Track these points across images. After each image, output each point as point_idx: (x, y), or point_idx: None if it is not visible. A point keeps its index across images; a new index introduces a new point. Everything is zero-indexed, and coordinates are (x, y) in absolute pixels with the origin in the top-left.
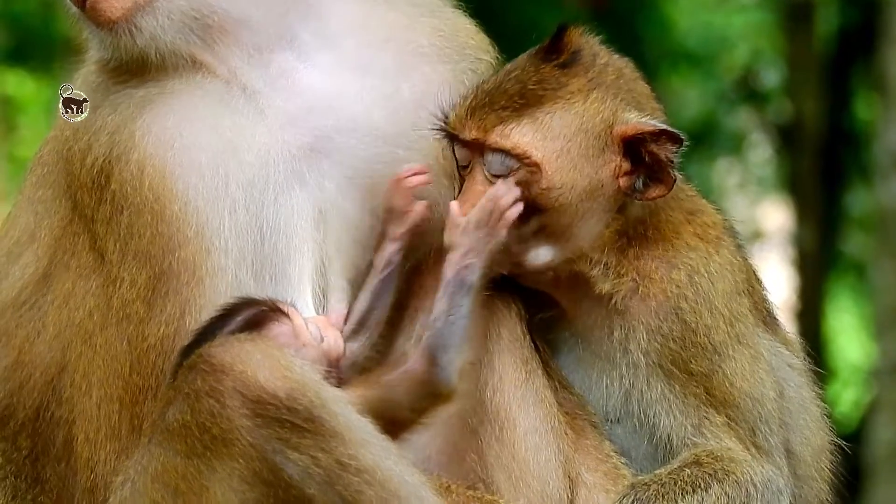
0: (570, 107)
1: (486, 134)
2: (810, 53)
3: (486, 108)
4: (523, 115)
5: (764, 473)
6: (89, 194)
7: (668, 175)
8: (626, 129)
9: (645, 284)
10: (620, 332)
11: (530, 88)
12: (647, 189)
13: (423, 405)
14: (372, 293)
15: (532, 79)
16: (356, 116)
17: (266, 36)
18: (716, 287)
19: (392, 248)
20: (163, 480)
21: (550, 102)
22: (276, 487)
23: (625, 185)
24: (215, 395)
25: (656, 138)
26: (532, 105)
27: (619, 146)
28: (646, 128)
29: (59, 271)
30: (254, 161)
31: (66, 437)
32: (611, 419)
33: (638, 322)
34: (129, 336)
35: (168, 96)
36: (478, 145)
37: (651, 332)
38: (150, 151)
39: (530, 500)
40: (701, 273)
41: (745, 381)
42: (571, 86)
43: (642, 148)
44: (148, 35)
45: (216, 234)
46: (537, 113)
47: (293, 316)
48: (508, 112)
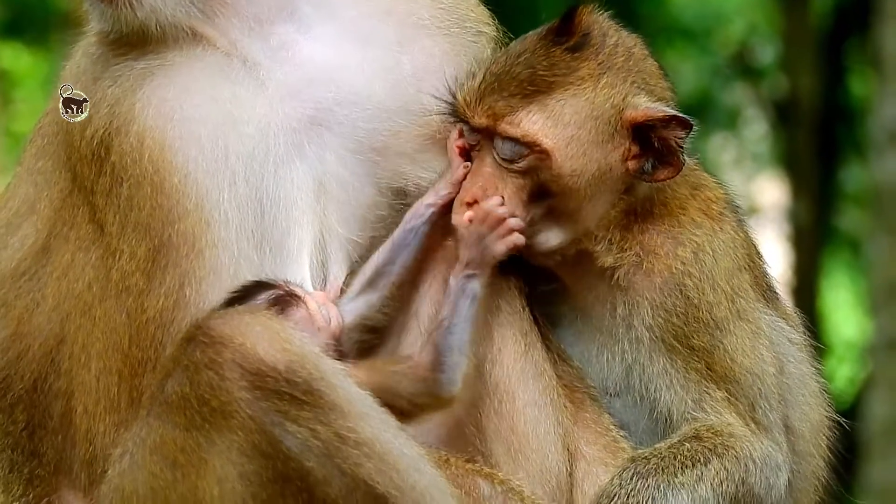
0: (580, 93)
1: (496, 121)
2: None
3: (496, 94)
4: (533, 102)
5: (763, 449)
6: (89, 166)
7: (678, 158)
8: (636, 115)
9: (649, 260)
10: (624, 308)
11: (540, 74)
12: (656, 171)
13: (423, 402)
14: (392, 247)
15: (542, 63)
16: (357, 89)
17: (266, 8)
18: (719, 264)
19: (421, 204)
20: (161, 453)
21: (561, 89)
22: (274, 460)
23: (633, 169)
24: (214, 368)
25: (666, 124)
26: (542, 92)
27: (628, 131)
28: (656, 114)
29: (58, 243)
30: (254, 133)
31: (65, 410)
32: (610, 393)
33: (642, 297)
34: (129, 308)
35: (168, 68)
36: (488, 131)
37: (655, 308)
38: (150, 123)
39: (529, 473)
40: (706, 251)
41: (745, 357)
42: (581, 71)
43: (652, 133)
44: (148, 7)
45: (216, 206)
46: (547, 100)
47: (307, 300)
48: (518, 99)
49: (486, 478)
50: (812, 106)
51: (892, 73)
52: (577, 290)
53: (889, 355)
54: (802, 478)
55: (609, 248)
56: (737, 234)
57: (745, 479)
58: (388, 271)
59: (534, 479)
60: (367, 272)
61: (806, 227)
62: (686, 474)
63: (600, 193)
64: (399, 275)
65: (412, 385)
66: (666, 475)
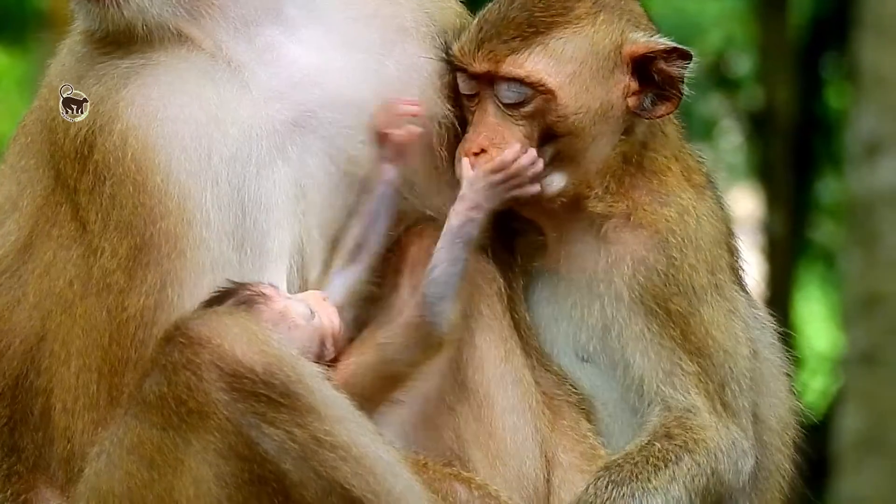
0: (579, 31)
1: (498, 65)
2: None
3: (495, 40)
4: (534, 42)
5: (729, 435)
6: (72, 164)
7: (678, 91)
8: (637, 49)
9: (637, 214)
10: (606, 262)
11: (537, 16)
12: (655, 107)
13: (417, 356)
14: (367, 216)
15: (538, 5)
16: (341, 92)
17: (252, 10)
18: (703, 228)
19: (385, 171)
20: (138, 452)
21: (560, 28)
22: (251, 462)
23: (633, 105)
24: (192, 368)
25: (667, 55)
26: (542, 32)
27: (628, 66)
28: (657, 46)
29: (40, 240)
30: (237, 135)
31: (44, 407)
32: (582, 358)
33: (625, 251)
34: (109, 306)
35: (153, 68)
36: (488, 77)
37: (636, 262)
38: (134, 122)
39: (506, 479)
40: (690, 213)
41: (719, 332)
42: (578, 10)
43: (652, 66)
44: (135, 7)
45: (198, 206)
46: (547, 39)
47: (275, 297)
48: (518, 41)
49: (464, 482)
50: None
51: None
52: (562, 244)
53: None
54: (767, 471)
55: (603, 197)
56: (717, 210)
57: (714, 468)
58: (366, 243)
59: (511, 484)
60: (346, 246)
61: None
62: (659, 477)
63: (603, 133)
64: (377, 243)
65: (401, 341)
66: (640, 482)
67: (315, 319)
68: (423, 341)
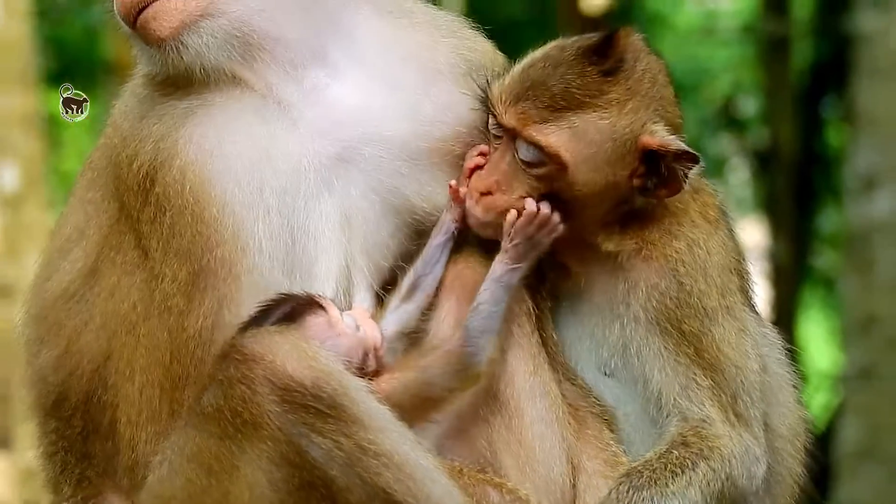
0: (605, 116)
1: (525, 126)
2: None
3: (529, 101)
4: (562, 118)
5: (742, 443)
6: (135, 196)
7: (680, 185)
8: (651, 142)
9: (647, 248)
10: (623, 287)
11: (573, 91)
12: (657, 190)
13: (455, 384)
14: (424, 260)
15: (576, 82)
16: (381, 129)
17: (300, 53)
18: (711, 259)
19: (446, 219)
20: (197, 460)
21: (590, 109)
22: (301, 468)
23: (637, 185)
24: (247, 383)
25: (677, 156)
26: (571, 109)
27: (640, 153)
28: (669, 146)
29: (105, 266)
30: (286, 169)
31: (112, 419)
32: (605, 373)
33: (639, 278)
34: (170, 327)
35: (209, 108)
36: (513, 133)
37: (650, 289)
38: (192, 159)
39: (535, 484)
40: (700, 245)
41: (730, 349)
42: (611, 94)
43: (661, 160)
44: (193, 52)
45: (251, 235)
46: (575, 118)
47: (328, 307)
48: (549, 111)
49: (496, 487)
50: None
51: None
52: (584, 271)
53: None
54: (779, 476)
55: (609, 238)
56: (729, 241)
57: (729, 473)
58: (421, 284)
59: (539, 489)
60: (403, 287)
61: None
62: (677, 482)
63: (603, 202)
64: (432, 287)
65: (445, 371)
66: (659, 486)
67: (360, 332)
68: (463, 371)
